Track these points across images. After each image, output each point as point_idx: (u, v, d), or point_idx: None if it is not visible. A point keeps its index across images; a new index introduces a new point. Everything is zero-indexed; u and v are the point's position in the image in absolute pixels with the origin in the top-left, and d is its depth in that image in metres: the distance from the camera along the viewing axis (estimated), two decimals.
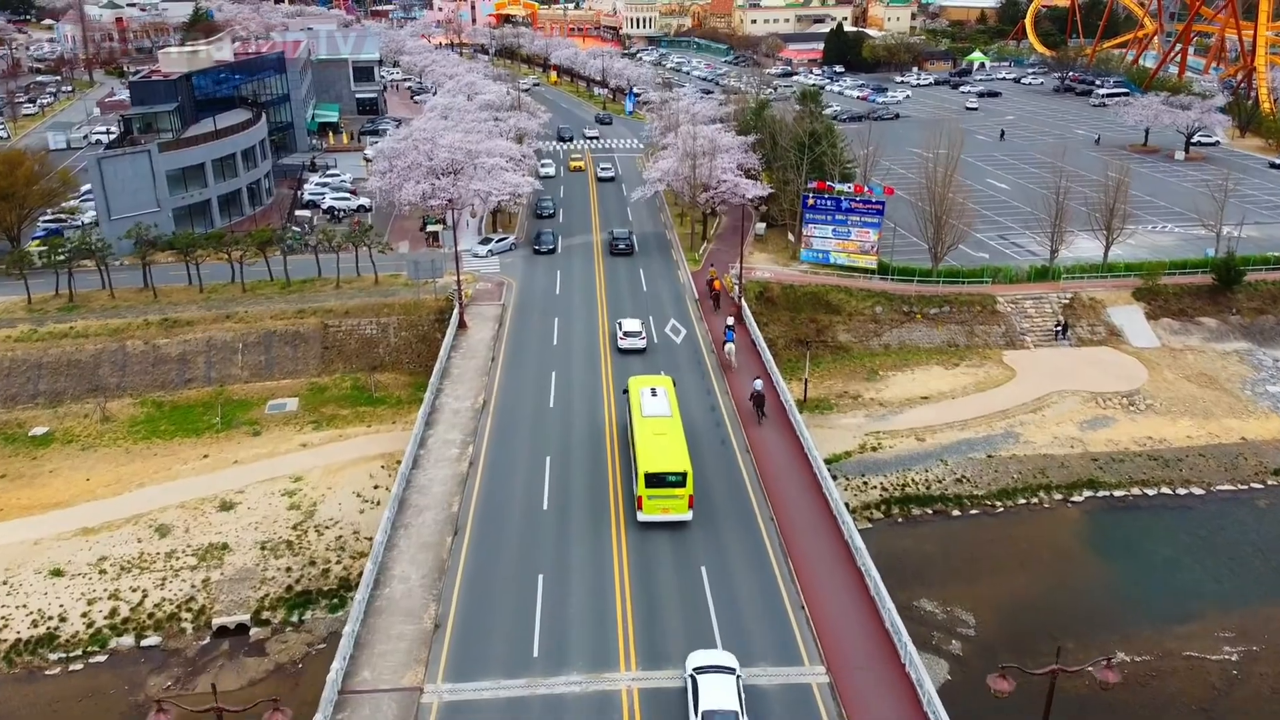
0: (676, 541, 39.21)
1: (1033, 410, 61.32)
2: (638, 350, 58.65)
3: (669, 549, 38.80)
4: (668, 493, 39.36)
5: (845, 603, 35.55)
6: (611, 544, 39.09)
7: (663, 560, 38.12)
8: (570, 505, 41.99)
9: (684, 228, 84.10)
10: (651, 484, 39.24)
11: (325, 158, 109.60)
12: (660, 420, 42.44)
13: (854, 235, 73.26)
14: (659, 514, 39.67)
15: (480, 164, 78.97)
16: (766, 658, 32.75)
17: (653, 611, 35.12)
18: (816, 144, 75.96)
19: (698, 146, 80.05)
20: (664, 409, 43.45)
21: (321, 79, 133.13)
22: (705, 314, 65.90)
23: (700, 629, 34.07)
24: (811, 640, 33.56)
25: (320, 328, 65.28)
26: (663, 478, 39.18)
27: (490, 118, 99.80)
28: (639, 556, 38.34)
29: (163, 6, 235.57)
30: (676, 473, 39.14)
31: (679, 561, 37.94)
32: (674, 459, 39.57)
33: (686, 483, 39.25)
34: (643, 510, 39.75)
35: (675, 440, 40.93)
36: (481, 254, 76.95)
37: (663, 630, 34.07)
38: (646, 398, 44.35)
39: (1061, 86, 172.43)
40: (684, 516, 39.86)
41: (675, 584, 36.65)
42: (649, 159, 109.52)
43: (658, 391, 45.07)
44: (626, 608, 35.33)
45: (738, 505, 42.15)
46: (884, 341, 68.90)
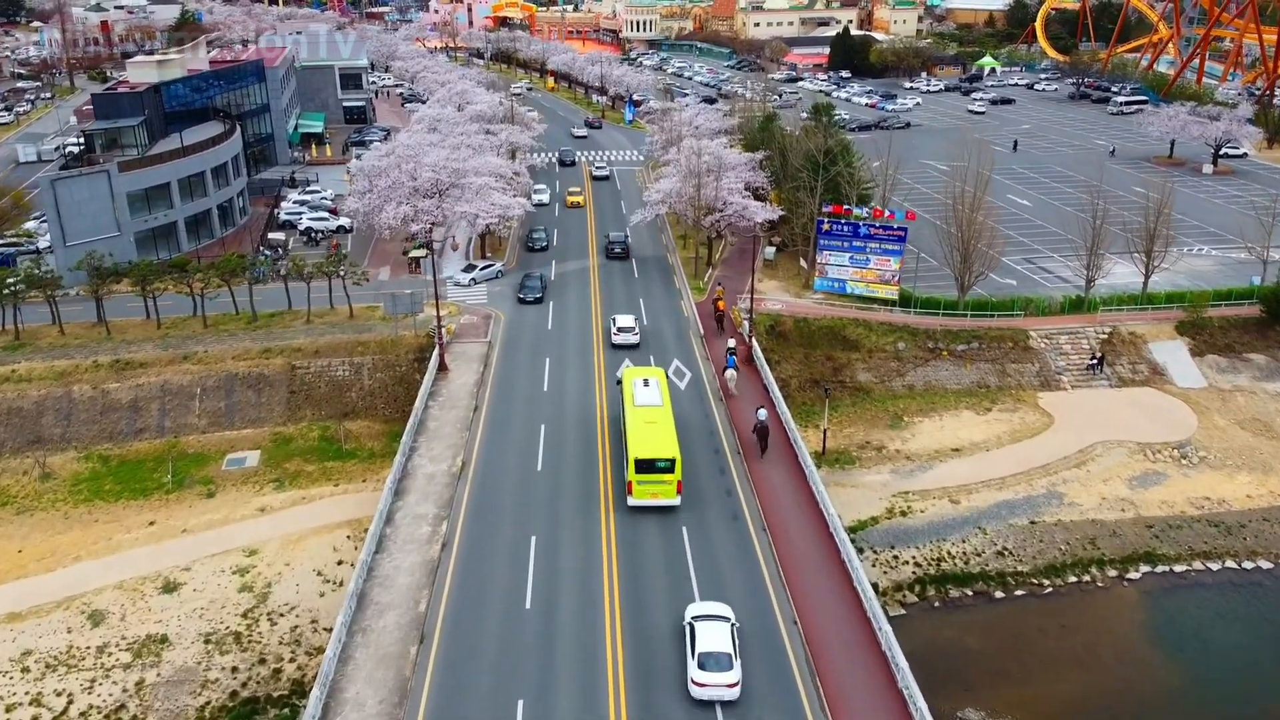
0: (679, 642, 33.03)
1: (1076, 465, 55.25)
2: (631, 345, 59.52)
3: (666, 645, 32.70)
4: (657, 478, 40.95)
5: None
6: (607, 665, 32.94)
7: (660, 667, 32.03)
8: (558, 605, 35.88)
9: (687, 251, 78.01)
10: (641, 469, 40.89)
11: (307, 172, 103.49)
12: (652, 409, 44.18)
13: (873, 263, 67.18)
14: (648, 499, 41.33)
15: (467, 184, 72.92)
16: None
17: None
18: (832, 164, 69.77)
19: (702, 164, 74.04)
20: (655, 399, 45.26)
21: (306, 86, 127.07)
22: (710, 345, 59.78)
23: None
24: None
25: (287, 369, 59.18)
26: (652, 463, 40.81)
27: (481, 130, 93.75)
28: (636, 669, 32.26)
29: (150, 9, 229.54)
30: (666, 459, 40.84)
31: (680, 668, 31.80)
32: (664, 446, 41.22)
33: (675, 469, 40.92)
34: (632, 495, 41.35)
35: (665, 428, 42.59)
36: (464, 283, 70.77)
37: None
38: (639, 387, 46.26)
39: (1077, 93, 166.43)
40: (672, 501, 41.39)
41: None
42: (650, 175, 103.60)
43: (650, 382, 46.97)
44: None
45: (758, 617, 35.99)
46: (908, 382, 62.81)
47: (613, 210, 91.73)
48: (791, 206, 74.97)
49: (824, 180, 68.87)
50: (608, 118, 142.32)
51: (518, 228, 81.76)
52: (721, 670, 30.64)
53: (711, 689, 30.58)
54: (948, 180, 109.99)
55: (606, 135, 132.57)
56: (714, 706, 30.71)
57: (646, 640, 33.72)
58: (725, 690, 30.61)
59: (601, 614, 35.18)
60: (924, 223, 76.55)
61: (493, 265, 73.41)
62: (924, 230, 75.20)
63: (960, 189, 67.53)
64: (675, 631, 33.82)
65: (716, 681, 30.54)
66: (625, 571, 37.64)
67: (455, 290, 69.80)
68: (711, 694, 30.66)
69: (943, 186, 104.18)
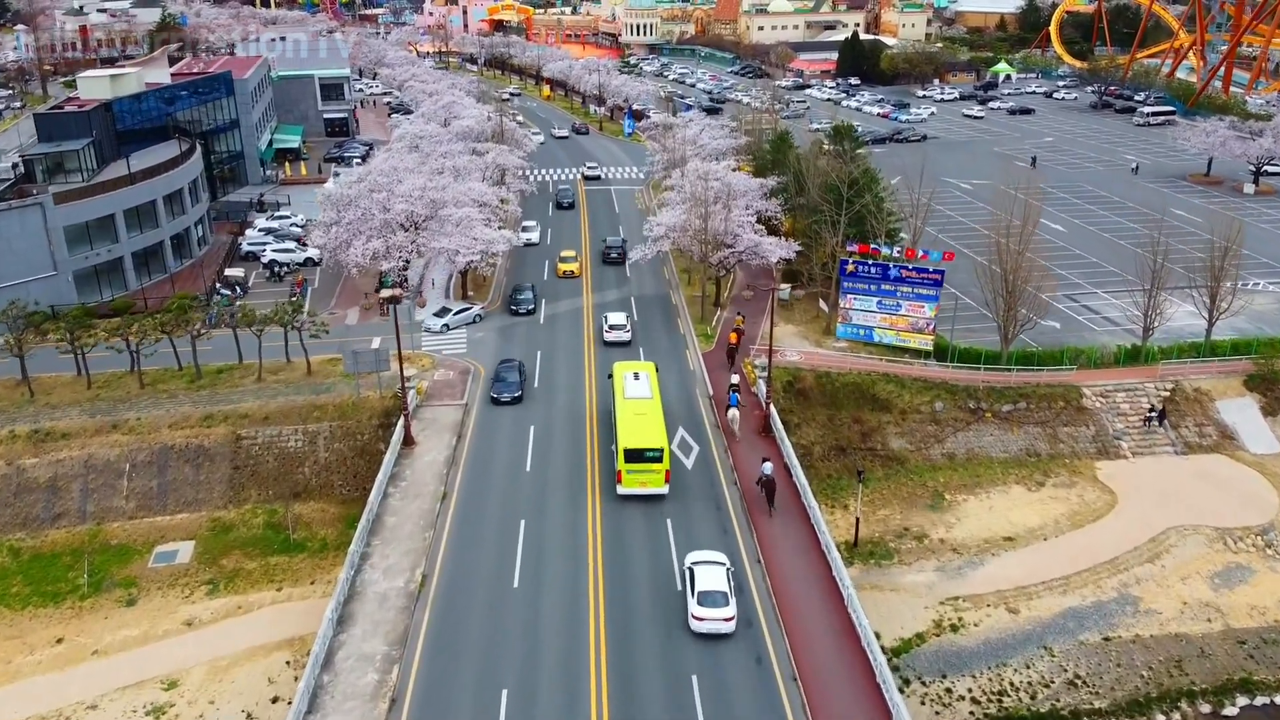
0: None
1: (1149, 558, 47.25)
2: (622, 343, 59.99)
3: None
4: (645, 467, 42.32)
5: None
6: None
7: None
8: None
9: (692, 288, 70.02)
10: (631, 459, 42.33)
11: (279, 193, 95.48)
12: (641, 401, 45.77)
13: (905, 309, 59.19)
14: (637, 487, 42.68)
15: (446, 216, 64.94)
16: None
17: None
18: (857, 196, 61.63)
19: (709, 192, 66.09)
20: (645, 391, 46.88)
21: (284, 97, 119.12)
22: (723, 412, 51.81)
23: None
24: None
25: (231, 440, 51.19)
26: (641, 453, 42.26)
27: (468, 149, 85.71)
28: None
29: (133, 12, 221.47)
30: (654, 449, 42.35)
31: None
32: (652, 436, 42.89)
33: (663, 458, 42.40)
34: (622, 484, 42.73)
35: (654, 420, 44.28)
36: (435, 329, 62.65)
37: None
38: (629, 381, 47.85)
39: (1099, 103, 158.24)
40: (660, 490, 42.72)
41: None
42: (651, 195, 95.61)
43: (640, 375, 48.47)
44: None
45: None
46: (947, 450, 54.81)
47: (607, 220, 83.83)
48: (810, 239, 66.95)
49: (848, 215, 60.74)
50: (605, 130, 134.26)
51: (504, 261, 73.45)
52: (718, 607, 34.01)
53: (709, 622, 33.93)
54: (973, 199, 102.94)
55: (603, 149, 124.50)
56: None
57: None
58: (722, 624, 34.02)
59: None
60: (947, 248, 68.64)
61: (469, 309, 65.17)
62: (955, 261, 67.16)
63: (1004, 222, 59.52)
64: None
65: (714, 616, 33.88)
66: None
67: (428, 339, 61.79)
68: (709, 627, 34.01)
69: (968, 208, 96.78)
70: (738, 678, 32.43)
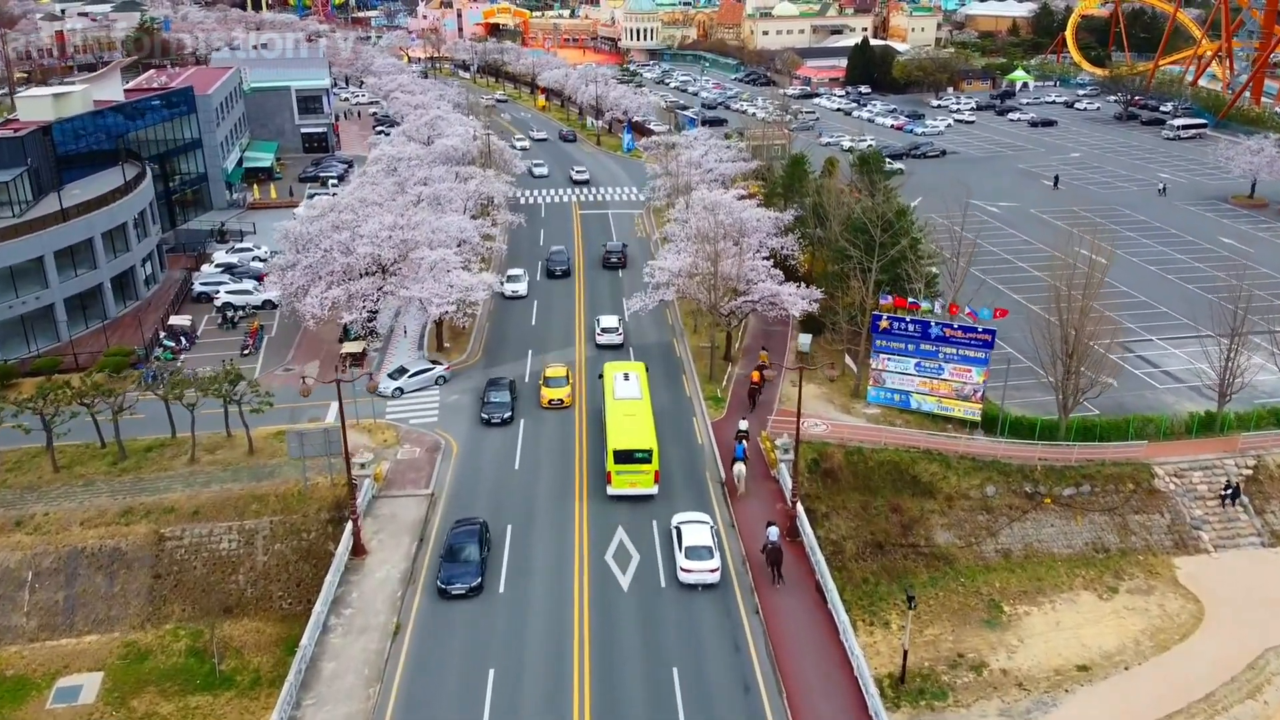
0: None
1: (1249, 693, 39.17)
2: (614, 345, 59.79)
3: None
4: (635, 468, 42.42)
5: None
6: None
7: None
8: None
9: (699, 337, 61.83)
10: (620, 460, 42.35)
11: (246, 218, 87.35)
12: (631, 402, 45.94)
13: (948, 373, 51.00)
14: (627, 488, 42.69)
15: (420, 259, 56.80)
16: None
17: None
18: (892, 241, 53.24)
19: (718, 227, 57.99)
20: (635, 392, 47.01)
21: (258, 111, 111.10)
22: (738, 505, 43.77)
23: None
24: None
25: (153, 542, 43.04)
26: (630, 454, 42.35)
27: (451, 172, 77.58)
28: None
29: (112, 17, 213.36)
30: (643, 450, 42.48)
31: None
32: (641, 437, 42.99)
33: (653, 459, 42.43)
34: (612, 485, 42.76)
35: (644, 421, 44.43)
36: (388, 392, 53.76)
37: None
38: (619, 381, 47.99)
39: (1124, 114, 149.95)
40: (650, 490, 42.82)
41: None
42: (651, 221, 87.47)
43: (630, 376, 48.58)
44: None
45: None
46: (1002, 545, 46.67)
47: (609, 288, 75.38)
48: (833, 281, 58.75)
49: (880, 261, 52.48)
50: (603, 144, 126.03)
51: (488, 304, 64.97)
52: (703, 560, 37.43)
53: (696, 574, 37.25)
54: (1003, 225, 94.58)
55: (601, 167, 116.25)
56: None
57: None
58: (708, 575, 37.32)
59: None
60: (988, 290, 60.58)
61: (430, 369, 56.26)
62: (984, 294, 59.05)
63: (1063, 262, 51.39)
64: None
65: (700, 568, 37.31)
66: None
67: (393, 405, 53.52)
68: (696, 578, 37.31)
69: (999, 235, 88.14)
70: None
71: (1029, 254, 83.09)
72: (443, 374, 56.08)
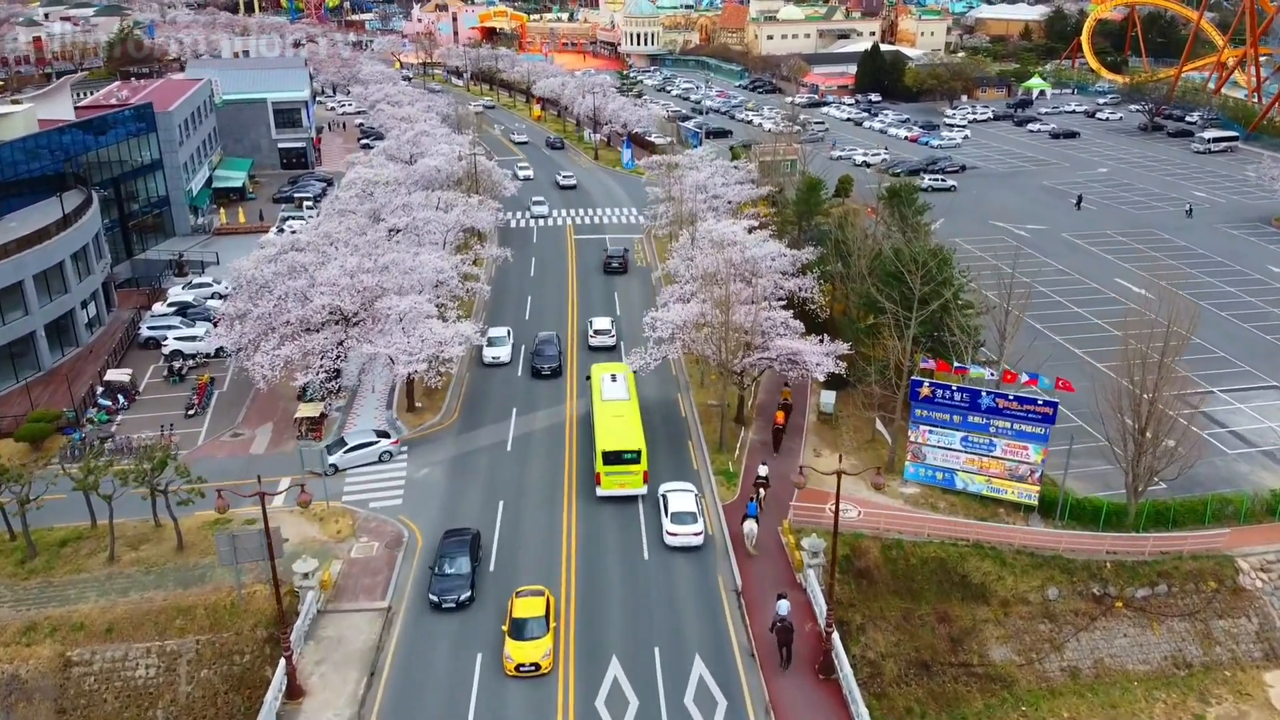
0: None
1: None
2: (608, 347, 59.25)
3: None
4: (624, 469, 42.71)
5: None
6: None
7: None
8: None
9: (705, 392, 54.58)
10: (609, 461, 42.63)
11: (211, 246, 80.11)
12: (619, 404, 46.28)
13: (1000, 450, 43.70)
14: (616, 488, 42.97)
15: (387, 310, 49.54)
16: None
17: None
18: (934, 294, 45.76)
19: (727, 266, 50.77)
20: (622, 393, 47.34)
21: (231, 125, 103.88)
22: (753, 613, 36.53)
23: None
24: None
25: (58, 667, 35.78)
26: (619, 455, 42.65)
27: (432, 201, 70.30)
28: None
29: (95, 21, 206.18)
30: (632, 451, 42.75)
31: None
32: (630, 439, 43.30)
33: (641, 460, 42.70)
34: (601, 485, 42.98)
35: (632, 422, 44.62)
36: (323, 470, 44.84)
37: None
38: (607, 383, 48.26)
39: (1149, 124, 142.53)
40: (639, 490, 43.09)
41: None
42: (651, 247, 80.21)
43: (617, 378, 48.85)
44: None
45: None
46: (1068, 661, 39.42)
47: (603, 303, 68.26)
48: (861, 331, 51.48)
49: (920, 317, 45.06)
50: (601, 159, 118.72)
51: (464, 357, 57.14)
52: (687, 524, 40.22)
53: (681, 537, 39.95)
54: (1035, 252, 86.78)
55: (599, 185, 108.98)
56: None
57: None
58: (692, 538, 40.04)
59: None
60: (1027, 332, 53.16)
61: (373, 443, 47.53)
62: (1027, 337, 51.51)
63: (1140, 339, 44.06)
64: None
65: (685, 532, 40.08)
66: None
67: (351, 482, 46.13)
68: (681, 541, 39.93)
69: (1031, 265, 79.13)
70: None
71: (1068, 287, 75.80)
72: (389, 448, 47.49)
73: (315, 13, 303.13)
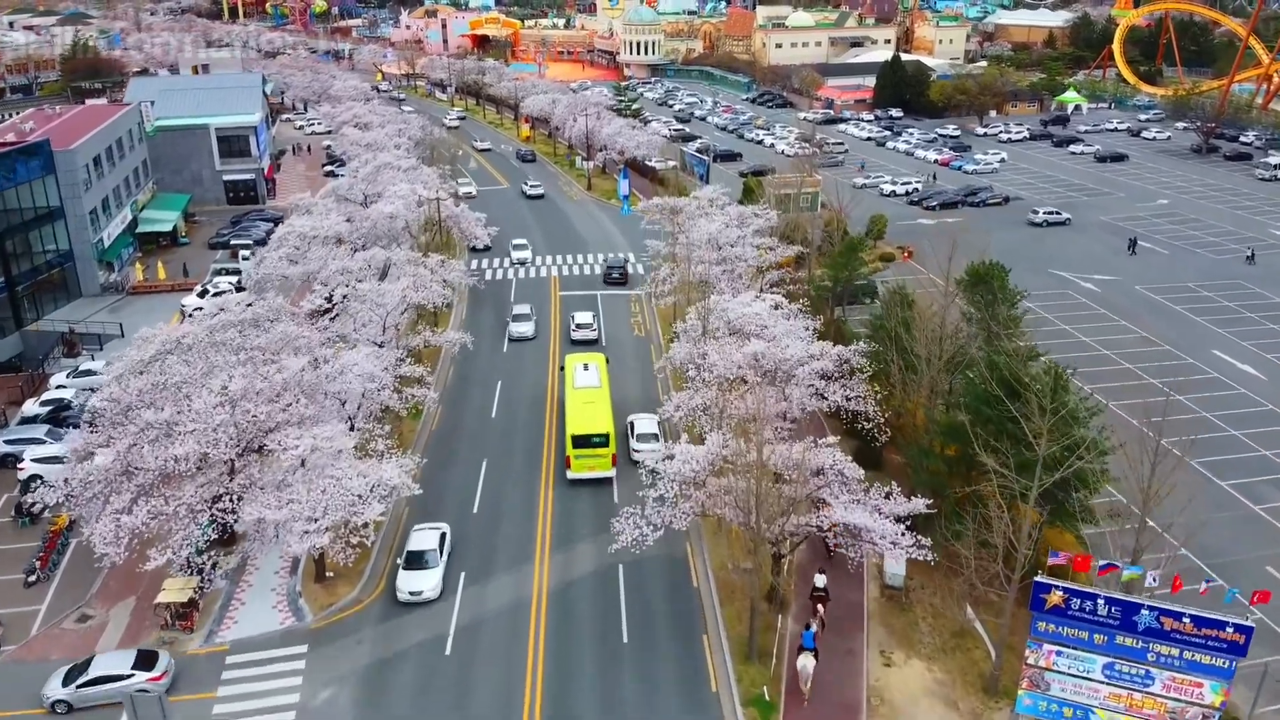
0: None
1: None
2: (590, 341, 60.36)
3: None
4: (593, 453, 44.64)
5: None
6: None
7: None
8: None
9: (724, 545, 40.42)
10: (578, 444, 44.51)
11: (120, 309, 66.28)
12: (590, 390, 48.16)
13: (1162, 685, 29.64)
14: (586, 471, 44.89)
15: (281, 451, 35.57)
16: None
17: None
18: (1063, 454, 31.39)
19: (753, 359, 37.00)
20: (594, 381, 49.31)
21: (168, 155, 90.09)
22: None
23: None
24: None
25: None
26: (588, 439, 44.54)
27: (377, 268, 56.42)
28: None
29: (55, 30, 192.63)
30: (600, 434, 44.65)
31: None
32: (599, 423, 45.02)
33: (609, 443, 44.63)
34: (571, 469, 44.88)
35: (602, 408, 46.40)
36: (53, 705, 31.58)
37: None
38: (579, 371, 50.21)
39: (1204, 145, 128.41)
40: (608, 473, 45.10)
41: None
42: (649, 311, 66.10)
43: (590, 366, 50.76)
44: None
45: None
46: None
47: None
48: (940, 469, 37.52)
49: (1042, 486, 30.82)
50: (595, 190, 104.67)
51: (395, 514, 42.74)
52: (650, 443, 45.24)
53: (645, 453, 41.52)
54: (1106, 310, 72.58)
55: (591, 222, 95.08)
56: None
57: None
58: (651, 454, 39.90)
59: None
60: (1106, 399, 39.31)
61: (126, 678, 31.94)
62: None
63: None
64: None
65: (648, 449, 43.79)
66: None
67: (223, 700, 32.18)
68: (644, 456, 39.83)
69: (1105, 325, 64.18)
70: None
71: (1160, 363, 61.20)
72: (145, 686, 31.24)
73: (300, 19, 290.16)
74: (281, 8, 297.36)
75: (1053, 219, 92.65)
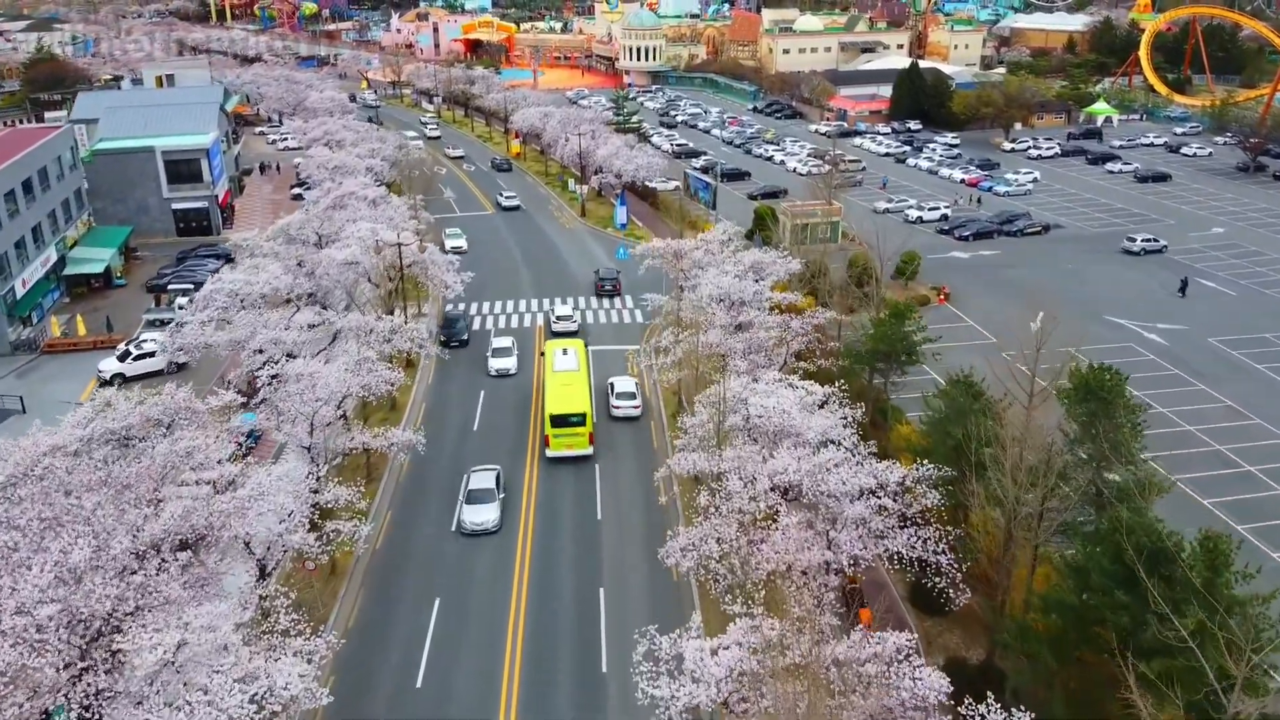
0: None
1: None
2: (571, 332, 61.82)
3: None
4: (570, 431, 46.58)
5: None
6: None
7: None
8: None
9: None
10: (556, 424, 46.50)
11: (28, 374, 56.35)
12: (568, 373, 49.82)
13: None
14: (564, 449, 46.84)
15: (136, 655, 25.55)
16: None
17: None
18: (1209, 620, 21.52)
19: (794, 508, 27.35)
20: (573, 364, 50.91)
21: (109, 182, 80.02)
22: None
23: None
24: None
25: None
26: (566, 418, 46.45)
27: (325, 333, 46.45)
28: None
29: (20, 36, 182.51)
30: (578, 414, 46.57)
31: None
32: (576, 403, 46.98)
33: (586, 422, 46.65)
34: (550, 447, 46.86)
35: (580, 389, 48.36)
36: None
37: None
38: (558, 355, 51.99)
39: (1252, 164, 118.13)
40: (585, 451, 47.10)
41: None
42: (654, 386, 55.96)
43: (569, 351, 52.68)
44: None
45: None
46: None
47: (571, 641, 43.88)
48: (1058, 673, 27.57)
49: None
50: (589, 218, 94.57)
51: None
52: (628, 400, 51.56)
53: (623, 410, 50.93)
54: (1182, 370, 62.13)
55: (582, 256, 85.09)
56: None
57: None
58: (631, 410, 51.10)
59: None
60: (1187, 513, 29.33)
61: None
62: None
63: None
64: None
65: (626, 405, 51.23)
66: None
67: None
68: (623, 413, 50.86)
69: (1185, 392, 52.55)
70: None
71: (1248, 445, 51.33)
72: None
73: (289, 22, 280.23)
74: (270, 10, 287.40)
75: (1150, 247, 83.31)
